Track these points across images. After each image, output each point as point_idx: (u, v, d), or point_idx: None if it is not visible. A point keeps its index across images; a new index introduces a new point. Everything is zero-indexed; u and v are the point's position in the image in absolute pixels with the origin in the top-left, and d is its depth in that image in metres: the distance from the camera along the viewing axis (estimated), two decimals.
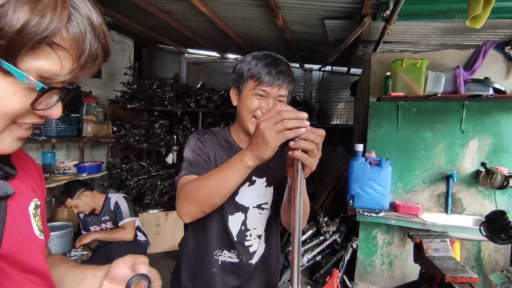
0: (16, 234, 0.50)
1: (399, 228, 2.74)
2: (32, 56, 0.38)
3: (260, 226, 1.09)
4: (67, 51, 0.40)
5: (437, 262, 1.26)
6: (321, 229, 3.31)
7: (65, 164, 3.57)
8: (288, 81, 0.98)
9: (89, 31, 0.42)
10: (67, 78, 0.42)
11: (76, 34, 0.40)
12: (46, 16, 0.36)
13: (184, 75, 5.48)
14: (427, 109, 2.72)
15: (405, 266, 2.79)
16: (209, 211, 0.88)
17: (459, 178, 2.67)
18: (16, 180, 0.53)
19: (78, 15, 0.41)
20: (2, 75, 0.38)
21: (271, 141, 0.71)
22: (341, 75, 4.87)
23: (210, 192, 0.84)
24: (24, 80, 0.38)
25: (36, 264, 0.55)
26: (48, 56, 0.39)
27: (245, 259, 1.07)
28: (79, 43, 0.41)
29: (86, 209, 2.54)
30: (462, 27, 2.49)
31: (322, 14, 2.74)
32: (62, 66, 0.41)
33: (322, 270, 3.07)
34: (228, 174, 0.81)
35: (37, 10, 0.36)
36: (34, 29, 0.36)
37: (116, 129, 4.45)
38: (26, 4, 0.35)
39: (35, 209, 0.57)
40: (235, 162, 0.80)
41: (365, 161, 2.68)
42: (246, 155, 0.77)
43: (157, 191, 4.37)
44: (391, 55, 2.80)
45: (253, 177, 1.06)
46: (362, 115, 3.27)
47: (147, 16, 3.37)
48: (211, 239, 1.05)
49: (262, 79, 0.95)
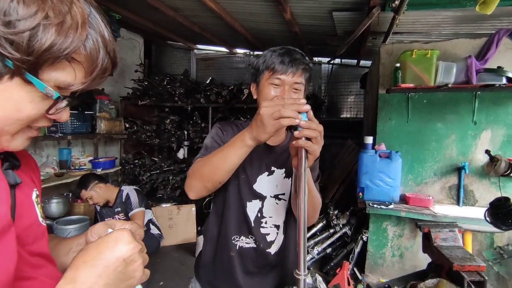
0: (25, 220, 0.55)
1: (410, 220, 2.73)
2: (51, 69, 0.43)
3: (277, 216, 1.11)
4: (81, 64, 0.45)
5: (445, 251, 1.26)
6: (331, 222, 3.33)
7: (80, 160, 3.68)
8: (303, 68, 1.00)
9: (102, 48, 0.47)
10: (79, 88, 0.47)
11: (91, 50, 0.45)
12: (69, 37, 0.41)
13: (193, 71, 5.53)
14: (438, 100, 2.68)
15: (416, 258, 2.79)
16: (211, 188, 0.95)
17: (471, 170, 2.63)
18: (19, 171, 0.57)
19: (94, 33, 0.46)
20: (22, 84, 0.42)
21: (267, 126, 0.78)
22: (351, 67, 4.82)
23: (213, 168, 0.91)
24: (43, 89, 0.43)
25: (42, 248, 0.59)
26: (65, 69, 0.44)
27: (262, 246, 1.09)
28: (93, 58, 0.46)
29: (100, 200, 2.63)
30: (474, 16, 2.43)
31: (330, 6, 2.73)
32: (76, 78, 0.46)
33: (332, 262, 3.10)
34: (229, 151, 0.88)
35: (62, 31, 0.41)
36: (58, 48, 0.41)
37: (128, 126, 4.54)
38: (54, 26, 0.40)
39: (36, 197, 0.61)
40: (236, 140, 0.87)
41: (374, 154, 2.67)
42: (246, 135, 0.84)
43: (169, 186, 4.46)
44: (401, 46, 2.76)
45: (272, 167, 1.10)
46: (372, 108, 3.24)
47: (156, 13, 3.41)
48: (230, 224, 1.09)
49: (276, 68, 0.99)
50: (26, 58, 0.39)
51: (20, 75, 0.41)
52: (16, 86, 0.42)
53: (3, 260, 0.47)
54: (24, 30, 0.38)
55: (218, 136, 1.09)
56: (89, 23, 0.45)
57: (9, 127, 0.45)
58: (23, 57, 0.39)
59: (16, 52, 0.38)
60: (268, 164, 1.10)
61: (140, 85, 4.78)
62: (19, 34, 0.38)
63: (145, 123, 4.72)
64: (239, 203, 1.09)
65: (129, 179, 4.62)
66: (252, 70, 1.10)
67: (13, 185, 0.53)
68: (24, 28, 0.38)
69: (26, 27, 0.38)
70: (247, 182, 1.08)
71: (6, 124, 0.44)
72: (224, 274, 1.12)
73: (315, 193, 1.01)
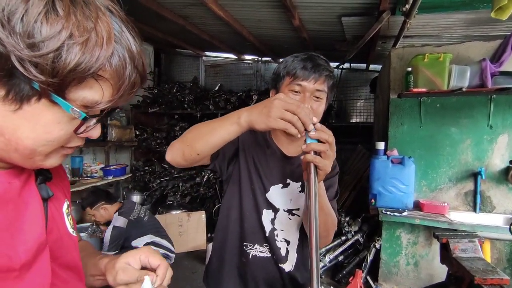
0: (56, 232, 0.55)
1: (425, 227, 2.66)
2: (78, 88, 0.41)
3: (288, 231, 1.06)
4: (108, 81, 0.43)
5: (465, 263, 1.22)
6: (343, 228, 3.27)
7: (92, 168, 3.72)
8: (326, 75, 0.94)
9: (128, 63, 0.45)
10: (107, 105, 0.45)
11: (117, 66, 0.43)
12: (94, 55, 0.40)
13: (202, 78, 5.57)
14: (451, 105, 2.62)
15: (432, 267, 2.71)
16: (188, 156, 0.86)
17: (488, 175, 2.56)
18: (51, 183, 0.58)
19: (120, 48, 0.43)
20: (49, 105, 0.41)
21: (270, 119, 0.70)
22: (360, 72, 4.78)
23: (197, 134, 0.85)
24: (70, 110, 0.42)
25: (72, 260, 0.59)
26: (92, 87, 0.42)
27: (276, 258, 1.05)
28: (120, 74, 0.44)
29: (102, 220, 2.64)
30: (488, 18, 2.37)
31: (339, 12, 2.71)
32: (103, 95, 0.44)
33: (344, 270, 3.04)
34: (219, 123, 0.81)
35: (87, 49, 0.39)
36: (83, 67, 0.39)
37: (138, 133, 4.60)
38: (78, 45, 0.38)
39: (67, 209, 0.62)
40: (231, 115, 0.80)
41: (387, 160, 2.62)
42: (243, 113, 0.77)
43: (179, 193, 4.48)
44: (412, 50, 2.72)
45: (288, 180, 1.05)
46: (383, 112, 3.20)
47: (165, 22, 3.46)
48: (243, 229, 1.05)
49: (297, 73, 0.93)
50: (51, 80, 0.38)
51: (47, 97, 0.40)
52: (43, 107, 0.41)
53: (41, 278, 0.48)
54: (48, 52, 0.37)
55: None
56: (115, 37, 0.43)
57: (41, 148, 0.44)
58: (48, 80, 0.38)
59: (41, 75, 0.37)
60: (284, 176, 1.05)
61: (150, 93, 4.85)
62: (43, 56, 0.37)
63: (155, 131, 4.77)
64: (255, 209, 1.04)
65: (140, 186, 4.66)
66: (272, 76, 1.04)
67: (46, 199, 0.54)
68: (48, 50, 0.37)
69: (50, 49, 0.37)
70: (261, 189, 1.04)
71: (38, 145, 0.44)
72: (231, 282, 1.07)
73: (328, 211, 0.94)
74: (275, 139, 1.08)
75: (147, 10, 3.03)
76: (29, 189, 0.51)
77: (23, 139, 0.42)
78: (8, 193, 0.47)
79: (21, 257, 0.46)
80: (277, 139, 1.08)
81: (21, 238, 0.47)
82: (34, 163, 0.47)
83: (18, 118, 0.41)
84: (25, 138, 0.42)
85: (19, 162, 0.46)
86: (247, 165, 1.05)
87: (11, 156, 0.45)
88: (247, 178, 1.05)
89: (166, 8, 3.08)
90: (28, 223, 0.49)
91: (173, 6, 3.07)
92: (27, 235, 0.48)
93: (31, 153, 0.44)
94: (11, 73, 0.38)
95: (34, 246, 0.48)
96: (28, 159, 0.45)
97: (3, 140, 0.42)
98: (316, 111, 0.94)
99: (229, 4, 2.83)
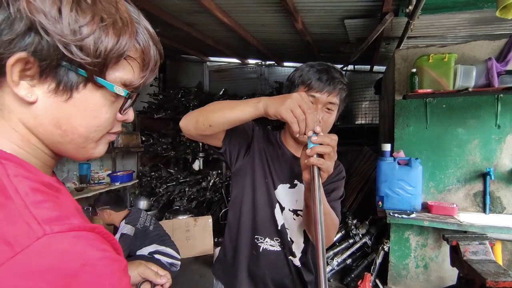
0: None
1: (433, 229, 2.63)
2: (114, 70, 0.45)
3: (293, 231, 1.07)
4: (136, 60, 0.47)
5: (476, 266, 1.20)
6: (350, 231, 3.25)
7: (99, 174, 3.76)
8: (340, 88, 0.96)
9: (150, 41, 0.49)
10: (140, 82, 0.49)
11: (143, 45, 0.48)
12: (124, 35, 0.44)
13: (206, 82, 5.61)
14: (457, 105, 2.60)
15: (442, 269, 2.67)
16: (201, 125, 0.88)
17: (497, 176, 2.52)
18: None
19: (141, 28, 0.48)
20: (94, 90, 0.45)
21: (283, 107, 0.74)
22: (364, 73, 4.77)
23: (216, 108, 0.88)
24: (114, 89, 0.46)
25: None
26: (125, 67, 0.46)
27: (286, 251, 1.06)
28: (146, 52, 0.49)
29: (105, 221, 2.68)
30: (493, 17, 2.36)
31: (342, 14, 2.72)
32: (135, 74, 0.48)
33: (353, 273, 3.01)
34: (239, 102, 0.85)
35: (117, 31, 0.43)
36: (119, 46, 0.43)
37: (144, 139, 4.63)
38: (110, 27, 0.43)
39: None
40: (252, 100, 0.83)
41: (393, 161, 2.61)
42: (263, 98, 0.81)
43: (186, 197, 4.49)
44: (416, 51, 2.71)
45: (295, 181, 1.07)
46: (388, 114, 3.18)
47: (170, 29, 3.50)
48: (255, 222, 1.06)
49: (312, 84, 0.95)
50: (96, 61, 0.42)
51: (92, 81, 0.44)
52: (89, 93, 0.44)
53: None
54: (89, 35, 0.41)
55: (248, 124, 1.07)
56: (135, 18, 0.47)
57: (93, 135, 0.48)
58: (93, 60, 0.42)
59: (87, 56, 0.41)
60: (292, 176, 1.07)
61: (155, 99, 4.89)
62: (85, 39, 0.41)
63: (161, 136, 4.80)
64: (268, 203, 1.05)
65: (146, 192, 4.68)
66: (286, 83, 1.06)
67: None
68: (88, 33, 0.41)
69: (89, 32, 0.41)
70: (271, 186, 1.06)
71: (90, 131, 0.47)
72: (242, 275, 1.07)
73: (327, 210, 0.95)
74: (284, 142, 1.11)
75: (152, 17, 3.06)
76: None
77: (77, 127, 0.45)
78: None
79: None
80: (286, 142, 1.11)
81: None
82: (87, 152, 0.50)
83: (70, 107, 0.44)
84: (78, 125, 0.45)
85: (73, 153, 0.49)
86: (261, 159, 1.07)
87: (66, 148, 0.48)
88: (261, 171, 1.07)
89: (171, 15, 3.11)
90: None
91: (179, 14, 3.11)
92: None
93: (85, 141, 0.48)
94: (58, 64, 0.41)
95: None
96: (81, 149, 0.49)
97: (60, 132, 0.45)
98: (326, 122, 0.97)
99: (233, 11, 2.85)
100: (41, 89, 0.42)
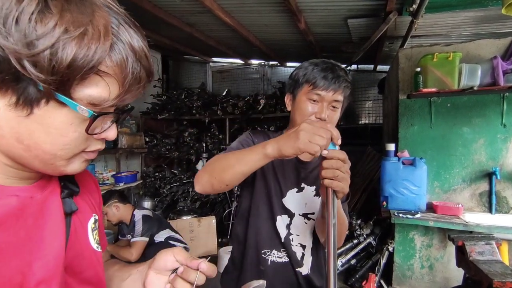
0: (78, 247, 0.55)
1: (439, 229, 2.61)
2: (82, 86, 0.41)
3: (304, 235, 1.07)
4: (112, 77, 0.43)
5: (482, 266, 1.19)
6: (354, 232, 3.23)
7: (104, 175, 3.78)
8: (344, 86, 0.97)
9: (130, 56, 0.44)
10: (115, 102, 0.45)
11: (118, 60, 0.42)
12: (91, 48, 0.39)
13: (209, 83, 5.61)
14: (462, 104, 2.58)
15: (448, 270, 2.65)
16: (217, 187, 0.88)
17: (503, 175, 2.50)
18: (78, 197, 0.58)
19: (120, 42, 0.43)
20: (58, 107, 0.41)
21: (300, 143, 0.70)
22: (367, 73, 4.74)
23: (225, 166, 0.86)
24: (77, 109, 0.41)
25: (95, 276, 0.59)
26: (97, 84, 0.42)
27: (293, 262, 1.06)
28: (122, 68, 0.43)
29: (114, 219, 2.68)
30: (498, 15, 2.34)
31: (345, 14, 2.71)
32: (110, 92, 0.43)
33: (357, 274, 2.99)
34: (246, 154, 0.83)
35: (83, 44, 0.38)
36: (81, 62, 0.38)
37: (148, 140, 4.65)
38: (74, 40, 0.38)
39: (94, 223, 0.61)
40: (257, 146, 0.81)
41: (397, 161, 2.59)
42: (269, 143, 0.78)
43: (189, 198, 4.50)
44: (420, 50, 2.69)
45: (302, 184, 1.06)
46: (392, 113, 3.16)
47: (173, 29, 3.51)
48: (260, 237, 1.05)
49: (317, 83, 0.95)
50: (51, 78, 0.38)
51: (53, 97, 0.40)
52: (53, 110, 0.41)
53: None
54: (44, 49, 0.36)
55: (246, 141, 1.05)
56: (113, 31, 0.42)
57: (60, 152, 0.44)
58: (48, 78, 0.37)
59: (40, 73, 0.37)
60: (298, 180, 1.06)
61: (159, 100, 4.91)
62: (40, 54, 0.36)
63: (164, 137, 4.82)
64: (269, 215, 1.05)
65: (150, 192, 4.70)
66: (290, 81, 1.05)
67: (69, 213, 0.54)
68: (44, 47, 0.36)
69: (46, 46, 0.36)
70: (278, 195, 1.05)
71: (56, 149, 0.44)
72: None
73: (342, 219, 0.96)
74: None
75: (154, 18, 3.08)
76: (52, 203, 0.51)
77: (40, 144, 0.42)
78: (29, 208, 0.47)
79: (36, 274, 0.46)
80: None
81: (38, 253, 0.47)
82: (56, 168, 0.46)
83: (31, 122, 0.41)
84: (42, 142, 0.42)
85: (42, 168, 0.46)
86: (268, 170, 1.06)
87: (32, 163, 0.45)
88: (262, 184, 1.06)
89: (173, 16, 3.12)
90: (48, 238, 0.48)
91: (181, 14, 3.11)
92: (45, 250, 0.48)
93: (51, 157, 0.44)
94: (17, 77, 0.38)
95: (51, 261, 0.48)
96: (49, 165, 0.45)
97: (22, 147, 0.42)
98: (331, 119, 0.98)
99: (235, 11, 2.85)
100: (2, 102, 0.39)
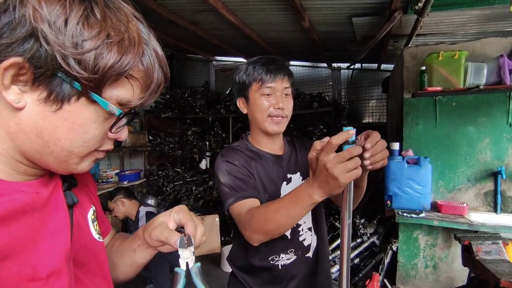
0: (81, 239, 0.56)
1: (443, 229, 2.60)
2: (112, 87, 0.45)
3: (307, 218, 1.10)
4: (138, 80, 0.47)
5: (489, 266, 1.18)
6: (358, 231, 3.23)
7: (107, 173, 3.80)
8: (288, 73, 1.05)
9: (156, 63, 0.48)
10: (138, 104, 0.49)
11: (147, 66, 0.47)
12: (128, 54, 0.44)
13: (213, 82, 5.61)
14: (468, 103, 2.56)
15: (452, 270, 2.64)
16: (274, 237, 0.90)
17: (509, 175, 2.48)
18: (76, 189, 0.59)
19: (149, 49, 0.47)
20: (87, 104, 0.44)
21: (342, 180, 0.68)
22: (371, 71, 4.72)
23: (279, 226, 0.86)
24: (107, 107, 0.45)
25: (99, 266, 0.60)
26: (124, 86, 0.46)
27: (301, 253, 1.08)
28: (149, 74, 0.48)
29: (119, 215, 2.71)
30: (504, 13, 2.32)
31: (350, 12, 2.70)
32: (134, 94, 0.47)
33: (361, 273, 2.99)
34: (296, 210, 0.80)
35: (122, 49, 0.43)
36: (120, 65, 0.43)
37: (151, 138, 4.67)
38: (115, 44, 0.42)
39: (93, 214, 0.63)
40: (304, 199, 0.77)
41: (402, 160, 2.58)
42: (315, 192, 0.74)
43: (192, 196, 4.51)
44: (425, 49, 2.68)
45: (288, 175, 1.09)
46: (396, 112, 3.15)
47: (176, 28, 3.51)
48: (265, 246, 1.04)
49: (264, 78, 1.02)
50: (93, 77, 0.41)
51: (86, 95, 0.43)
52: (81, 107, 0.43)
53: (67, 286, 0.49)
54: (90, 50, 0.40)
55: (234, 170, 1.03)
56: (144, 39, 0.47)
57: (78, 150, 0.46)
58: (90, 76, 0.41)
59: (84, 71, 0.40)
60: (283, 174, 1.10)
61: (162, 99, 4.92)
62: (85, 53, 0.40)
63: (168, 135, 4.83)
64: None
65: (154, 190, 4.71)
66: (236, 86, 1.11)
67: (71, 206, 0.55)
68: (90, 48, 0.40)
69: (92, 47, 0.40)
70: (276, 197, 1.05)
71: (75, 146, 0.46)
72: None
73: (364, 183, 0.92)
74: (259, 146, 1.12)
75: (158, 16, 3.09)
76: (56, 197, 0.52)
77: (61, 140, 0.44)
78: (35, 202, 0.48)
79: (47, 266, 0.46)
80: (260, 145, 1.12)
81: (47, 246, 0.47)
82: (68, 166, 0.48)
83: (58, 118, 0.43)
84: (63, 138, 0.44)
85: (53, 166, 0.47)
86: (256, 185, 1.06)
87: (46, 160, 0.46)
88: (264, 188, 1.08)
89: (177, 14, 3.12)
90: (54, 232, 0.49)
91: (184, 13, 3.12)
92: (53, 243, 0.48)
93: (67, 155, 0.46)
94: (53, 74, 0.41)
95: (60, 254, 0.49)
96: (62, 162, 0.47)
97: (41, 142, 0.44)
98: (287, 106, 1.05)
99: (239, 9, 2.85)
100: (31, 97, 0.41)
